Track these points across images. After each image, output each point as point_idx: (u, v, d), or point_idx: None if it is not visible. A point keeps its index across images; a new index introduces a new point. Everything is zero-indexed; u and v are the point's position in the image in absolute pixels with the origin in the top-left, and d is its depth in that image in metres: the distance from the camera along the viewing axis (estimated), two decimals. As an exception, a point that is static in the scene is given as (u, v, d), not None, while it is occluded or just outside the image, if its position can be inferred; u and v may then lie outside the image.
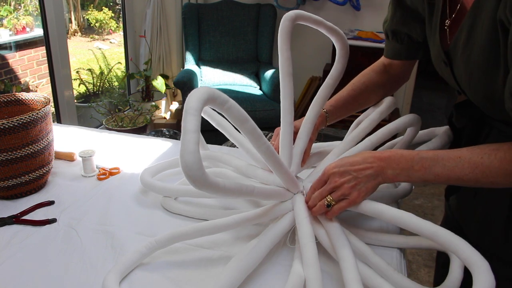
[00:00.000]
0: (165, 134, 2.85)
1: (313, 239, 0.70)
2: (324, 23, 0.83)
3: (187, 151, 0.55)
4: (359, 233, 0.79)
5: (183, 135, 0.56)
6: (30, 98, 1.05)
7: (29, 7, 3.27)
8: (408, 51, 0.87)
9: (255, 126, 0.67)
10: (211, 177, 0.58)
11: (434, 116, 3.94)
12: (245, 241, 0.80)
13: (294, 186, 0.78)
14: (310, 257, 0.67)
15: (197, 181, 0.56)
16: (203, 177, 0.57)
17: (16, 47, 2.94)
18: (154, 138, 1.30)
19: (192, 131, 0.56)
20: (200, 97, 0.59)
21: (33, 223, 0.86)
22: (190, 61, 3.09)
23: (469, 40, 0.64)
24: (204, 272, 0.73)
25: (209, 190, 0.59)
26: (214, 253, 0.77)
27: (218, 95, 0.62)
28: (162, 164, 1.00)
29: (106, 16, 5.75)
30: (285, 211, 0.78)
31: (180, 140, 0.57)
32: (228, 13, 3.12)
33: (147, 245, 0.74)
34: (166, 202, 0.91)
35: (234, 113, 0.65)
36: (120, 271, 0.70)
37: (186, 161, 0.55)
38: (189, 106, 0.58)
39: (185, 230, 0.75)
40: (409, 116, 0.89)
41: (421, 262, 1.98)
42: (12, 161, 0.91)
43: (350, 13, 3.17)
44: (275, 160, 0.72)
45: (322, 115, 0.91)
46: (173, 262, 0.75)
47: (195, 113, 0.57)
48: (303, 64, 3.32)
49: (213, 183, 0.59)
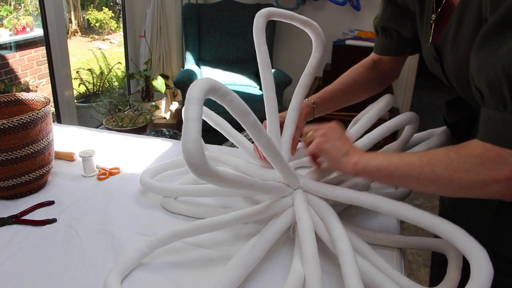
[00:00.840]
0: (165, 134, 2.85)
1: (313, 234, 0.70)
2: (297, 17, 0.86)
3: (189, 139, 0.54)
4: (358, 232, 0.79)
5: (185, 123, 0.56)
6: (30, 98, 1.05)
7: (29, 7, 3.27)
8: (397, 47, 0.88)
9: (256, 119, 0.67)
10: (212, 166, 0.58)
11: (434, 116, 3.94)
12: (245, 240, 0.80)
13: (294, 181, 0.78)
14: (309, 252, 0.67)
15: (199, 169, 0.56)
16: (204, 165, 0.56)
17: (16, 47, 2.94)
18: (154, 138, 1.30)
19: (194, 119, 0.56)
20: (202, 87, 0.59)
21: (33, 223, 0.86)
22: (190, 61, 3.09)
23: (457, 37, 0.65)
24: (205, 272, 0.73)
25: (210, 179, 0.58)
26: (214, 253, 0.78)
27: (219, 86, 0.61)
28: (161, 166, 1.00)
29: (106, 16, 5.75)
30: (285, 207, 0.78)
31: (182, 128, 0.56)
32: (228, 13, 3.12)
33: (148, 243, 0.74)
34: (166, 202, 0.91)
35: (236, 105, 0.64)
36: (121, 270, 0.70)
37: (188, 149, 0.54)
38: (191, 96, 0.57)
39: (186, 227, 0.75)
40: (407, 114, 0.89)
41: (421, 262, 1.98)
42: (12, 161, 0.91)
43: (350, 13, 3.17)
44: (275, 153, 0.72)
45: (310, 105, 0.92)
46: (173, 262, 0.76)
47: (197, 102, 0.57)
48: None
49: (214, 172, 0.58)
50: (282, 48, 3.40)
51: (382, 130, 0.87)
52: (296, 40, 3.34)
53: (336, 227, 0.70)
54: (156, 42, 3.19)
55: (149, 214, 0.90)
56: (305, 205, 0.75)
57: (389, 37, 0.87)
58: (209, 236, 0.81)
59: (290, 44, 3.38)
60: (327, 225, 0.72)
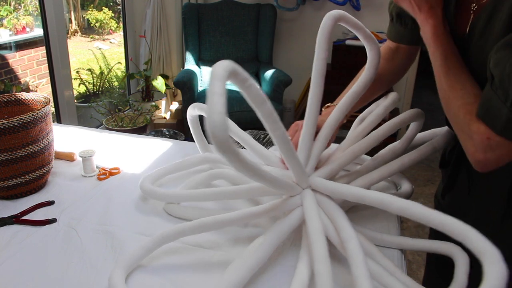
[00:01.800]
0: (165, 134, 2.85)
1: (323, 235, 0.69)
2: (364, 30, 0.82)
3: (215, 111, 0.53)
4: (365, 234, 0.78)
5: (211, 96, 0.55)
6: (30, 98, 1.05)
7: (29, 7, 3.27)
8: (411, 35, 0.86)
9: (273, 109, 0.66)
10: (234, 144, 0.57)
11: (434, 116, 3.93)
12: (246, 242, 0.80)
13: (304, 180, 0.77)
14: (320, 253, 0.66)
15: (222, 143, 0.54)
16: (228, 140, 0.55)
17: (16, 47, 2.94)
18: (154, 138, 1.30)
19: (220, 94, 0.55)
20: (226, 67, 0.59)
21: (33, 223, 0.86)
22: (190, 61, 3.09)
23: (486, 30, 0.65)
24: (205, 273, 0.73)
25: (230, 156, 0.57)
26: (214, 254, 0.77)
27: (241, 71, 0.62)
28: (161, 170, 0.98)
29: (106, 16, 5.75)
30: (293, 206, 0.77)
31: (207, 102, 0.55)
32: (228, 13, 3.12)
33: (153, 239, 0.73)
34: (168, 207, 0.90)
35: (254, 92, 0.64)
36: (126, 266, 0.70)
37: (214, 120, 0.53)
38: (215, 72, 0.57)
39: (191, 224, 0.74)
40: (412, 111, 0.88)
41: (421, 262, 1.98)
42: (12, 161, 0.91)
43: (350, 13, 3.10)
44: (288, 147, 0.70)
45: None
46: (173, 263, 0.75)
47: (221, 79, 0.57)
48: (303, 64, 3.32)
49: (235, 150, 0.57)
50: (282, 48, 3.40)
51: (389, 126, 0.86)
52: (296, 40, 3.34)
53: (346, 229, 0.69)
54: (156, 42, 3.19)
55: (149, 214, 0.90)
56: (314, 205, 0.74)
57: (403, 24, 0.85)
58: (210, 237, 0.81)
59: (290, 44, 3.38)
60: (336, 226, 0.71)
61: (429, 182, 2.73)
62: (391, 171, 0.83)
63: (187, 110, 0.86)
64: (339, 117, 0.85)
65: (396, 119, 0.87)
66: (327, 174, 0.81)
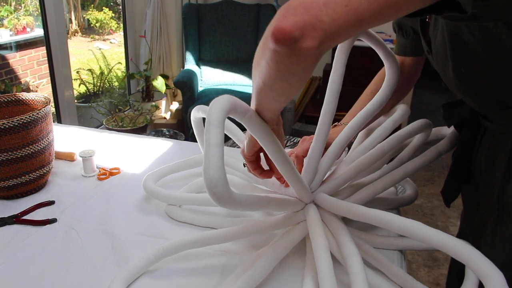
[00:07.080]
0: (165, 134, 2.85)
1: (328, 251, 0.68)
2: (385, 46, 0.79)
3: (212, 167, 0.51)
4: (359, 237, 0.79)
5: (207, 148, 0.53)
6: (31, 98, 1.05)
7: (30, 7, 3.27)
8: (414, 46, 0.86)
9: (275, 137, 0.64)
10: (235, 194, 0.56)
11: (434, 116, 3.94)
12: (254, 248, 0.79)
13: (307, 196, 0.76)
14: (325, 270, 0.65)
15: (222, 199, 0.53)
16: (228, 194, 0.54)
17: (16, 47, 2.94)
18: (154, 138, 1.31)
19: (217, 144, 0.53)
20: (223, 108, 0.55)
21: (33, 223, 0.86)
22: (190, 61, 3.09)
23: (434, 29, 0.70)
24: (211, 279, 0.72)
25: (233, 207, 0.57)
26: (220, 260, 0.76)
27: (239, 104, 0.58)
28: (164, 169, 0.98)
29: (106, 16, 5.76)
30: (296, 221, 0.77)
31: (204, 154, 0.54)
32: (228, 13, 3.12)
33: (154, 252, 0.73)
34: (170, 210, 0.89)
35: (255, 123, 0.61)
36: (126, 277, 0.69)
37: (211, 177, 0.51)
38: (212, 117, 0.54)
39: (194, 238, 0.74)
40: (420, 122, 0.85)
41: (421, 262, 1.98)
42: (13, 161, 0.91)
43: None
44: (289, 167, 0.69)
45: None
46: (179, 269, 0.75)
47: (219, 125, 0.54)
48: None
49: (237, 200, 0.56)
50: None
51: (396, 139, 0.82)
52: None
53: (348, 245, 0.68)
54: (156, 42, 3.19)
55: (149, 214, 0.90)
56: (319, 221, 0.73)
57: (405, 35, 0.85)
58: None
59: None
60: (338, 242, 0.70)
61: (429, 182, 2.73)
62: (395, 180, 0.82)
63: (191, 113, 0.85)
64: (350, 136, 0.82)
65: (403, 131, 0.83)
66: (331, 190, 0.80)
